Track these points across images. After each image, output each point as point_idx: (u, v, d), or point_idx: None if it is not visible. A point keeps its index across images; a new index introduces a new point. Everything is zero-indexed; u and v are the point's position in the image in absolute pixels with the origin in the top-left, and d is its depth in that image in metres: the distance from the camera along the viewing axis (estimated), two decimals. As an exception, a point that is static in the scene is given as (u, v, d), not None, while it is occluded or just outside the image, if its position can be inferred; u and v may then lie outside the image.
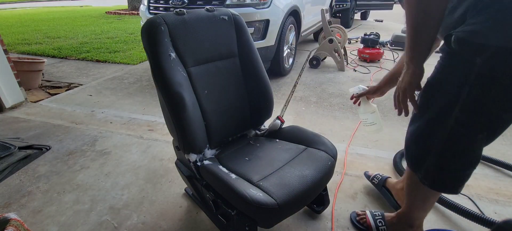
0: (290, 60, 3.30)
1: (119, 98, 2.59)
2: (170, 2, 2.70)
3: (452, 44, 0.71)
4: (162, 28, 0.99)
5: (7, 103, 2.27)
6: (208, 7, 1.14)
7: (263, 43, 2.65)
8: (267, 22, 2.62)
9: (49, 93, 2.72)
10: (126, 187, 1.45)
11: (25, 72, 2.62)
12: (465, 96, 0.70)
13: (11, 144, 1.66)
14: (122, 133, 1.96)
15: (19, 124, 2.06)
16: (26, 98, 2.42)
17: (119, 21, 7.51)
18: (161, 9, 2.79)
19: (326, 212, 1.28)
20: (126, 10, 9.56)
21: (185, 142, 1.02)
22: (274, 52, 2.82)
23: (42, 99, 2.54)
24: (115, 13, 9.22)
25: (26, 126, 2.03)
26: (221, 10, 1.16)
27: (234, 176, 0.97)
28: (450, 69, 0.75)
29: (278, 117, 1.26)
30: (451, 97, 0.73)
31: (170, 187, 1.44)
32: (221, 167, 1.04)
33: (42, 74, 2.97)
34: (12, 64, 2.30)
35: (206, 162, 1.07)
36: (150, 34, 0.98)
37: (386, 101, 2.51)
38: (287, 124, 1.28)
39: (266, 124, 1.34)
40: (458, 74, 0.72)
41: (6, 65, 2.24)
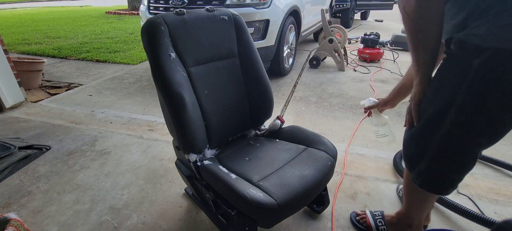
0: (290, 60, 3.30)
1: (119, 98, 2.59)
2: (170, 2, 2.70)
3: (451, 46, 0.71)
4: (162, 28, 0.99)
5: (7, 103, 2.27)
6: (208, 7, 1.14)
7: (263, 43, 2.65)
8: (267, 22, 2.62)
9: (49, 93, 2.72)
10: (126, 187, 1.45)
11: (25, 72, 2.62)
12: (461, 98, 0.70)
13: (11, 144, 1.66)
14: (122, 133, 1.96)
15: (19, 124, 2.06)
16: (26, 98, 2.42)
17: (119, 21, 7.52)
18: (161, 9, 2.79)
19: (326, 212, 1.28)
20: (126, 10, 9.57)
21: (185, 142, 1.02)
22: (274, 52, 2.82)
23: (42, 99, 2.54)
24: (115, 13, 9.22)
25: (26, 126, 2.03)
26: (221, 10, 1.16)
27: (234, 176, 0.97)
28: (448, 71, 0.75)
29: (278, 117, 1.26)
30: (448, 99, 0.73)
31: (170, 187, 1.44)
32: (221, 167, 1.04)
33: (42, 74, 2.97)
34: (12, 64, 2.30)
35: (206, 162, 1.07)
36: (150, 34, 0.98)
37: (386, 101, 2.51)
38: (287, 124, 1.28)
39: (266, 124, 1.34)
40: (455, 76, 0.72)
41: (6, 65, 2.24)
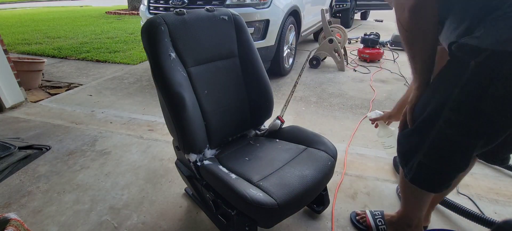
0: (290, 60, 3.30)
1: (119, 98, 2.59)
2: (170, 2, 2.70)
3: (452, 48, 0.72)
4: (162, 28, 0.99)
5: (7, 103, 2.27)
6: (208, 7, 1.14)
7: (263, 43, 2.65)
8: (267, 22, 2.62)
9: (49, 93, 2.72)
10: (126, 187, 1.45)
11: (25, 72, 2.62)
12: (455, 97, 0.72)
13: (11, 144, 1.66)
14: (122, 133, 1.96)
15: (19, 124, 2.06)
16: (26, 98, 2.42)
17: (119, 21, 7.51)
18: (161, 9, 2.79)
19: (326, 212, 1.28)
20: (126, 10, 9.56)
21: (185, 142, 1.02)
22: (274, 52, 2.82)
23: (42, 99, 2.54)
24: (115, 13, 9.22)
25: (26, 126, 2.03)
26: (221, 10, 1.16)
27: (234, 176, 0.97)
28: (447, 72, 0.77)
29: (278, 117, 1.26)
30: (444, 98, 0.75)
31: (170, 187, 1.44)
32: (221, 167, 1.04)
33: (42, 74, 2.97)
34: (12, 64, 2.30)
35: (206, 162, 1.07)
36: (150, 34, 0.98)
37: (386, 101, 2.51)
38: (287, 124, 1.28)
39: (266, 124, 1.34)
40: (452, 77, 0.74)
41: (6, 65, 2.24)
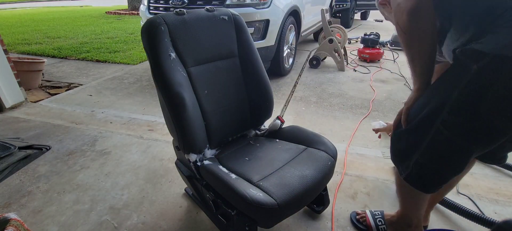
0: (290, 60, 3.30)
1: (119, 98, 2.59)
2: (170, 2, 2.70)
3: (456, 53, 0.74)
4: (162, 28, 0.99)
5: (7, 103, 2.27)
6: (208, 7, 1.14)
7: (263, 43, 2.65)
8: (267, 22, 2.62)
9: (49, 93, 2.72)
10: (126, 187, 1.45)
11: (25, 72, 2.62)
12: (454, 99, 0.73)
13: (11, 144, 1.66)
14: (122, 133, 1.96)
15: (19, 124, 2.06)
16: (26, 98, 2.42)
17: (119, 21, 7.52)
18: (161, 9, 2.79)
19: (326, 212, 1.28)
20: (126, 10, 9.57)
21: (185, 142, 1.02)
22: (274, 52, 2.82)
23: (42, 99, 2.54)
24: (115, 13, 9.22)
25: (26, 126, 2.03)
26: (221, 10, 1.16)
27: (234, 176, 0.97)
28: (447, 75, 0.78)
29: (278, 117, 1.26)
30: (443, 99, 0.76)
31: (170, 187, 1.44)
32: (221, 167, 1.04)
33: (42, 74, 2.97)
34: (12, 64, 2.30)
35: (206, 162, 1.07)
36: (150, 34, 0.98)
37: (386, 101, 2.51)
38: (287, 124, 1.28)
39: (266, 124, 1.34)
40: (453, 79, 0.75)
41: (6, 65, 2.24)
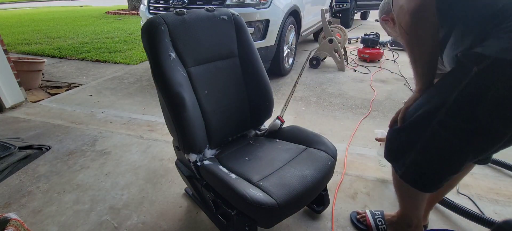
0: (290, 60, 3.30)
1: (119, 98, 2.59)
2: (170, 2, 2.70)
3: (458, 56, 0.75)
4: (162, 28, 0.99)
5: (7, 103, 2.27)
6: (208, 7, 1.14)
7: (263, 43, 2.65)
8: (267, 22, 2.62)
9: (49, 93, 2.72)
10: (126, 187, 1.45)
11: (25, 72, 2.62)
12: (453, 100, 0.73)
13: (11, 144, 1.66)
14: (122, 133, 1.96)
15: (19, 124, 2.06)
16: (26, 98, 2.42)
17: (119, 21, 7.52)
18: (161, 9, 2.79)
19: (326, 212, 1.28)
20: (126, 10, 9.56)
21: (185, 142, 1.02)
22: (274, 52, 2.82)
23: (42, 99, 2.54)
24: (115, 13, 9.22)
25: (26, 126, 2.03)
26: (221, 10, 1.16)
27: (234, 176, 0.97)
28: (447, 77, 0.79)
29: (278, 117, 1.26)
30: (441, 100, 0.77)
31: (170, 187, 1.44)
32: (221, 167, 1.04)
33: (42, 74, 2.97)
34: (12, 64, 2.30)
35: (206, 162, 1.07)
36: (150, 34, 0.98)
37: (386, 102, 2.51)
38: (287, 124, 1.28)
39: (266, 124, 1.34)
40: (452, 81, 0.76)
41: (6, 65, 2.24)
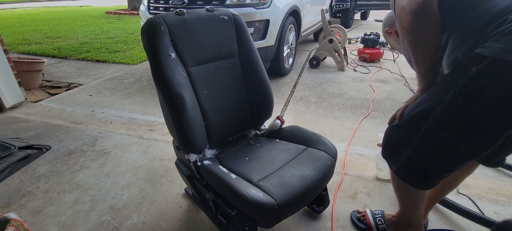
0: (290, 60, 3.30)
1: (119, 98, 2.59)
2: (170, 2, 2.70)
3: (459, 56, 0.75)
4: (162, 28, 0.99)
5: (7, 103, 2.27)
6: (208, 7, 1.14)
7: (263, 43, 2.65)
8: (267, 22, 2.62)
9: (49, 93, 2.72)
10: (126, 187, 1.45)
11: (25, 72, 2.62)
12: (449, 98, 0.74)
13: (11, 144, 1.66)
14: (122, 133, 1.96)
15: (19, 124, 2.06)
16: (26, 98, 2.42)
17: (119, 21, 7.52)
18: (161, 9, 2.79)
19: (326, 212, 1.28)
20: (126, 10, 9.56)
21: (185, 142, 1.02)
22: (274, 52, 2.82)
23: (42, 99, 2.54)
24: (115, 13, 9.22)
25: (26, 126, 2.03)
26: (221, 10, 1.16)
27: (234, 176, 0.97)
28: (447, 77, 0.80)
29: (278, 117, 1.26)
30: (438, 98, 0.78)
31: (170, 187, 1.44)
32: (221, 167, 1.04)
33: (42, 74, 2.97)
34: (12, 64, 2.30)
35: (206, 162, 1.07)
36: (150, 34, 0.98)
37: (386, 102, 2.51)
38: (287, 124, 1.28)
39: (266, 124, 1.34)
40: (451, 80, 0.77)
41: (6, 65, 2.24)
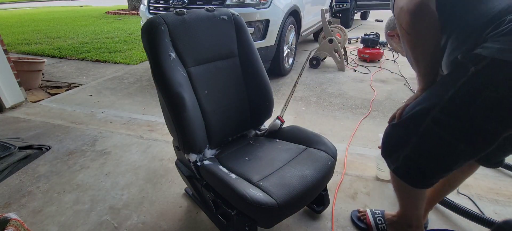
0: (290, 60, 3.30)
1: (119, 98, 2.59)
2: (170, 2, 2.70)
3: (458, 56, 0.75)
4: (162, 28, 0.99)
5: (7, 103, 2.27)
6: (208, 7, 1.14)
7: (263, 43, 2.65)
8: (267, 22, 2.62)
9: (49, 93, 2.72)
10: (126, 187, 1.45)
11: (25, 72, 2.62)
12: (448, 97, 0.75)
13: (11, 144, 1.66)
14: (122, 133, 1.96)
15: (19, 124, 2.06)
16: (26, 98, 2.42)
17: (119, 21, 7.52)
18: (161, 9, 2.79)
19: (326, 212, 1.28)
20: (126, 10, 9.56)
21: (185, 142, 1.02)
22: (274, 52, 2.82)
23: (42, 99, 2.54)
24: (115, 13, 9.22)
25: (26, 126, 2.03)
26: (221, 10, 1.16)
27: (234, 176, 0.97)
28: (446, 77, 0.80)
29: (278, 117, 1.26)
30: (437, 98, 0.78)
31: (170, 187, 1.44)
32: (221, 167, 1.04)
33: (42, 74, 2.97)
34: (12, 64, 2.30)
35: (206, 162, 1.07)
36: (150, 34, 0.98)
37: (386, 102, 2.51)
38: (287, 124, 1.28)
39: (266, 124, 1.34)
40: (450, 80, 0.77)
41: (6, 65, 2.24)
